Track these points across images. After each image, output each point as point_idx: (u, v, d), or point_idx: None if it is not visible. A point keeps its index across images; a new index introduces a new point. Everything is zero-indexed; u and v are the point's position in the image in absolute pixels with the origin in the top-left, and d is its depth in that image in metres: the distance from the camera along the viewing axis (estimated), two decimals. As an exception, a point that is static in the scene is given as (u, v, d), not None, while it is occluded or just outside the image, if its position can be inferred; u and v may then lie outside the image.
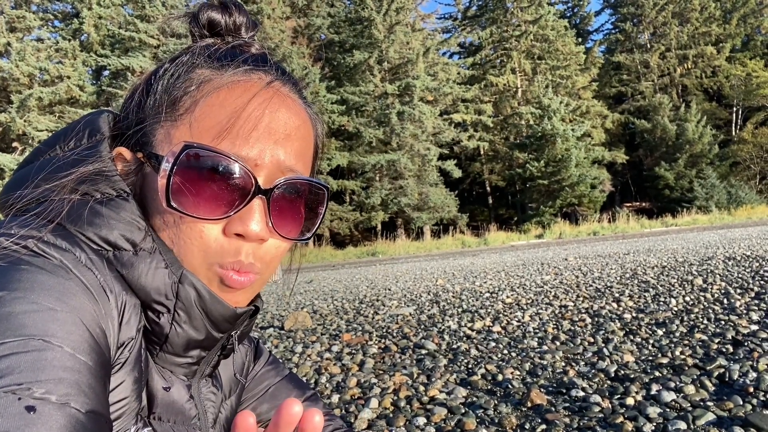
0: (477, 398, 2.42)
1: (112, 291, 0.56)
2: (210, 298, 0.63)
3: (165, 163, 0.60)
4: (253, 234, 0.62)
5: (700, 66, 39.43)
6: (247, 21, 0.72)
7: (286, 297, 7.79)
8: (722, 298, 4.17)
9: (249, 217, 0.62)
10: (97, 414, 0.47)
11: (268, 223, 0.64)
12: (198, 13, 0.70)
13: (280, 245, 0.68)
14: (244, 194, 0.62)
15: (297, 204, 0.68)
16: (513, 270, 8.99)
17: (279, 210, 0.65)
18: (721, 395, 2.14)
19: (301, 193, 0.68)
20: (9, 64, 25.81)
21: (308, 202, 0.69)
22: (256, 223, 0.62)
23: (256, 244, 0.64)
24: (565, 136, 30.29)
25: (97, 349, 0.50)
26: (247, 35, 0.72)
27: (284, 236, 0.67)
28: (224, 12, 0.70)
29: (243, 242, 0.63)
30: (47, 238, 0.54)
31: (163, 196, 0.60)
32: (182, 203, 0.60)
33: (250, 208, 0.62)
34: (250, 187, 0.62)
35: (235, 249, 0.62)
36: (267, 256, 0.66)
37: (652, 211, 33.08)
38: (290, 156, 0.65)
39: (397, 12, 32.09)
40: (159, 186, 0.60)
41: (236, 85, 0.64)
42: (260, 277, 0.67)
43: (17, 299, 0.47)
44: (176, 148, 0.60)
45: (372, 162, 29.66)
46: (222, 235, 0.62)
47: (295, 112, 0.67)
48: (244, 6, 0.73)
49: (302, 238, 0.70)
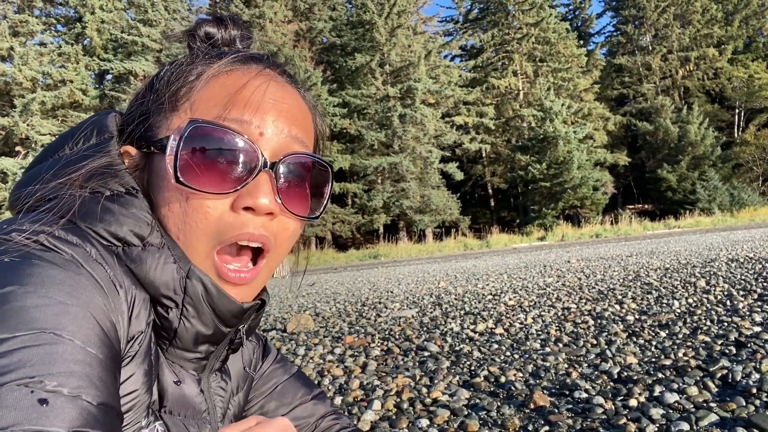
0: (480, 400, 2.41)
1: (122, 285, 0.57)
2: (217, 293, 0.63)
3: (172, 141, 0.61)
4: (262, 206, 0.63)
5: (702, 68, 39.41)
6: (242, 34, 0.75)
7: (289, 299, 7.80)
8: (725, 300, 4.16)
9: (257, 190, 0.63)
10: (108, 406, 0.48)
11: (277, 198, 0.65)
12: (195, 28, 0.73)
13: (287, 226, 0.68)
14: (251, 168, 0.63)
15: (303, 181, 0.69)
16: (515, 272, 8.99)
17: (286, 186, 0.66)
18: (724, 396, 2.14)
19: (307, 169, 0.69)
20: (12, 68, 25.91)
21: (313, 180, 0.71)
22: (265, 195, 0.63)
23: (266, 219, 0.64)
24: (567, 138, 30.28)
25: (107, 342, 0.51)
26: (243, 47, 0.75)
27: (293, 212, 0.67)
28: (220, 26, 0.73)
29: (252, 216, 0.63)
30: (58, 234, 0.55)
31: (172, 174, 0.61)
32: (190, 179, 0.61)
33: (257, 182, 0.63)
34: (257, 161, 0.63)
35: (242, 222, 0.63)
36: (278, 234, 0.67)
37: (654, 213, 33.01)
38: (293, 133, 0.67)
39: (399, 15, 32.17)
40: (166, 164, 0.61)
41: (234, 71, 0.66)
42: (267, 263, 0.68)
43: (29, 293, 0.48)
44: (182, 124, 0.62)
45: (374, 165, 29.69)
46: (229, 210, 0.63)
47: (293, 95, 0.70)
48: (240, 19, 0.76)
49: (312, 216, 0.71)
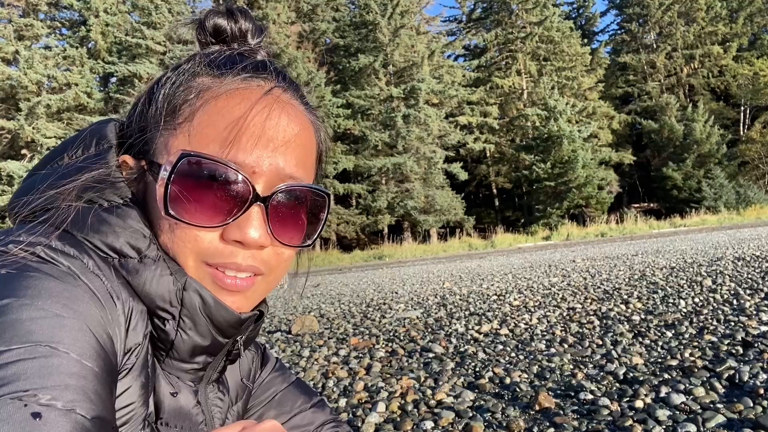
0: (484, 402, 2.40)
1: (119, 297, 0.56)
2: (214, 304, 0.63)
3: (163, 171, 0.60)
4: (251, 241, 0.62)
5: (706, 66, 39.23)
6: (254, 27, 0.72)
7: (293, 301, 7.80)
8: (732, 299, 4.13)
9: (247, 224, 0.62)
10: (103, 420, 0.47)
11: (268, 230, 0.64)
12: (204, 20, 0.70)
13: (282, 252, 0.67)
14: (243, 202, 0.62)
15: (298, 210, 0.67)
16: (520, 272, 8.96)
17: (279, 217, 0.65)
18: (731, 397, 2.12)
19: (302, 199, 0.68)
20: (17, 71, 26.07)
21: (310, 208, 0.69)
22: (255, 230, 0.62)
23: (255, 250, 0.64)
24: (572, 137, 30.19)
25: (103, 355, 0.51)
26: (254, 41, 0.72)
27: (285, 243, 0.66)
28: (230, 18, 0.70)
29: (240, 248, 0.63)
30: (55, 245, 0.55)
31: (161, 204, 0.60)
32: (179, 211, 0.60)
33: (248, 216, 0.62)
34: (248, 194, 0.61)
35: (231, 252, 0.62)
36: (270, 261, 0.66)
37: (660, 212, 32.87)
38: (290, 163, 0.65)
39: (402, 15, 32.16)
40: (157, 194, 0.61)
41: (235, 93, 0.64)
42: (264, 281, 0.67)
43: (25, 306, 0.47)
44: (173, 156, 0.60)
45: (378, 165, 29.69)
46: (219, 240, 0.62)
47: (295, 119, 0.67)
48: (250, 12, 0.73)
49: (303, 244, 0.70)
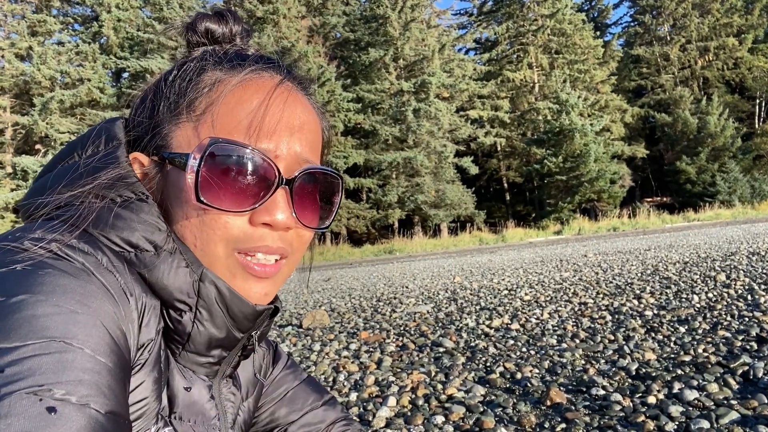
0: (495, 397, 2.40)
1: (133, 294, 0.57)
2: (230, 295, 0.64)
3: (192, 160, 0.61)
4: (280, 223, 0.65)
5: (721, 58, 38.66)
6: (242, 29, 0.75)
7: (304, 295, 7.84)
8: (746, 294, 4.09)
9: (275, 207, 0.64)
10: (117, 415, 0.48)
11: (292, 213, 0.66)
12: (195, 22, 0.73)
13: (303, 234, 0.71)
14: (269, 185, 0.64)
15: (314, 194, 0.71)
16: (531, 267, 8.93)
17: (300, 200, 0.68)
18: (745, 394, 2.10)
19: (318, 182, 0.71)
20: (31, 67, 26.35)
21: (324, 191, 0.73)
22: (282, 212, 0.65)
23: (282, 232, 0.66)
24: (584, 131, 29.93)
25: (116, 350, 0.52)
26: (242, 43, 0.75)
27: (307, 225, 0.69)
28: (220, 21, 0.74)
29: (269, 230, 0.65)
30: (70, 242, 0.56)
31: (192, 192, 0.61)
32: (210, 198, 0.62)
33: (275, 199, 0.64)
34: (274, 178, 0.64)
35: (260, 236, 0.65)
36: (294, 243, 0.69)
37: (673, 206, 32.55)
38: (305, 148, 0.68)
39: (412, 9, 32.02)
40: (187, 182, 0.62)
41: (249, 83, 0.67)
42: (286, 265, 0.70)
43: (40, 302, 0.48)
44: (204, 142, 0.62)
45: (388, 160, 29.66)
46: (248, 225, 0.64)
47: (304, 107, 0.70)
48: (239, 14, 0.77)
49: (322, 227, 0.74)
